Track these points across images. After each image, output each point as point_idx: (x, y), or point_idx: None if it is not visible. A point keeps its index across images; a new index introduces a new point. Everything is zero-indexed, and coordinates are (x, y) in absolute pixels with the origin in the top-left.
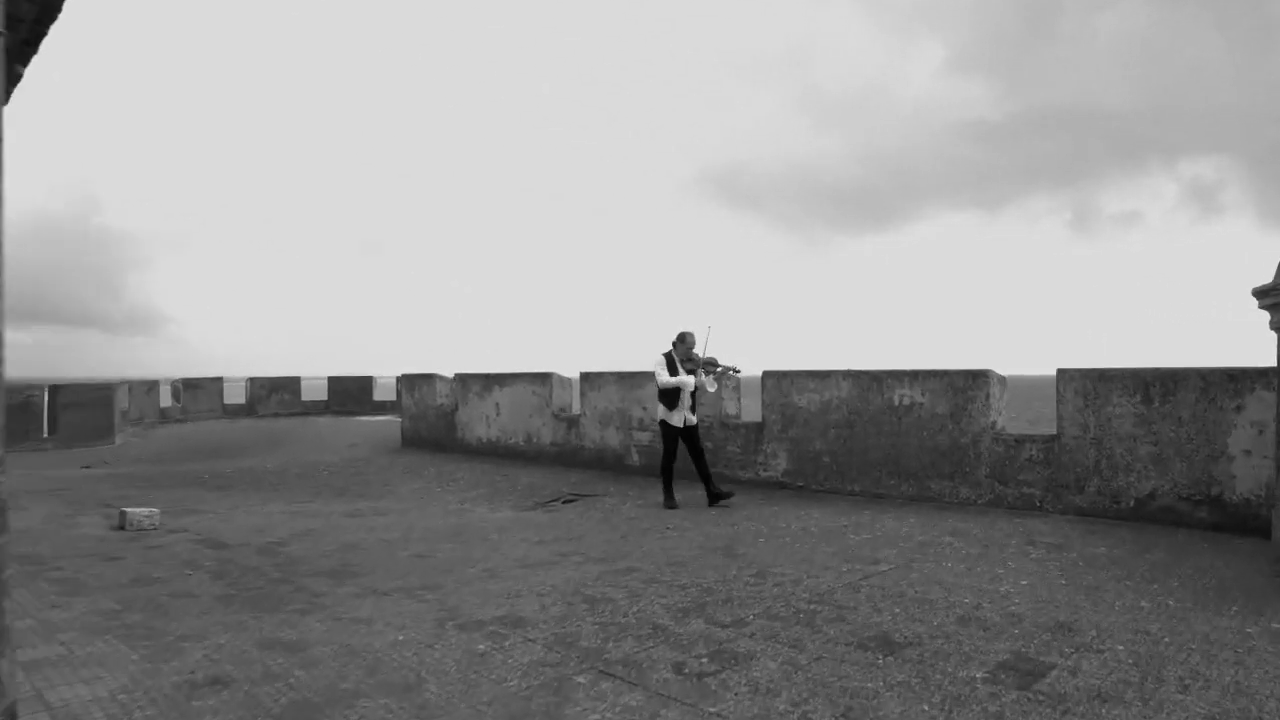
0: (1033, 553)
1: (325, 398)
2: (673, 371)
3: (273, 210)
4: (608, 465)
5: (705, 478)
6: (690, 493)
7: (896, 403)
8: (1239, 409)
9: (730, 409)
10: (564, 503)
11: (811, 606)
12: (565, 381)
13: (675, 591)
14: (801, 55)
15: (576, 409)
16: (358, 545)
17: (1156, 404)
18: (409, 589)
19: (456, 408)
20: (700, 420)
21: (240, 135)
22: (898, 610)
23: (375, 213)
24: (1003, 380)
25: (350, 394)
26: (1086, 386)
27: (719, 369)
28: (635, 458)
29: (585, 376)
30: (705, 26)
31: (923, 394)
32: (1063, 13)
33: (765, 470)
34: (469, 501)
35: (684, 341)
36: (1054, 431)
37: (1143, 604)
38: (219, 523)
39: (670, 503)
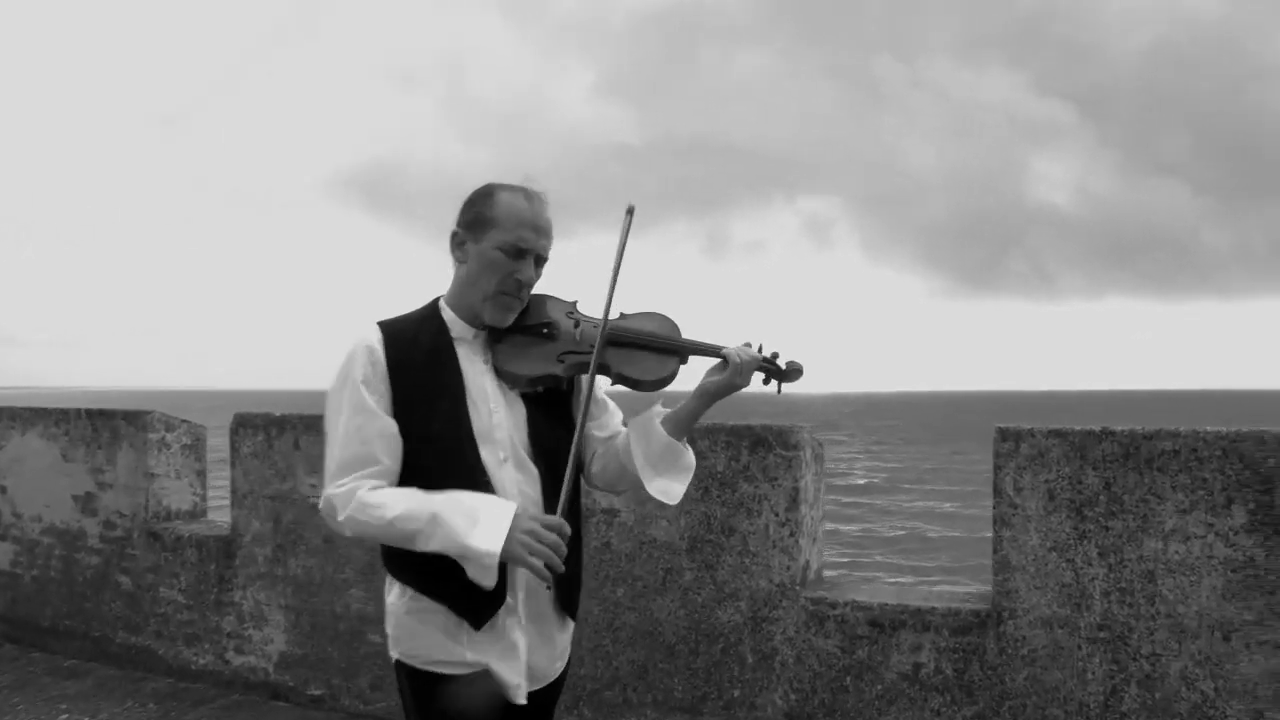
0: None
1: None
2: (407, 425)
3: None
4: None
5: None
6: None
7: None
8: None
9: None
10: None
11: None
12: None
13: None
14: (453, 66)
15: None
16: None
17: None
18: None
19: None
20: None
21: None
22: None
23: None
24: (819, 454)
25: None
26: (1082, 479)
27: (766, 364)
28: None
29: None
30: (356, 28)
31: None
32: (702, 46)
33: (242, 649)
34: None
35: (512, 259)
36: (980, 605)
37: None
38: None
39: None
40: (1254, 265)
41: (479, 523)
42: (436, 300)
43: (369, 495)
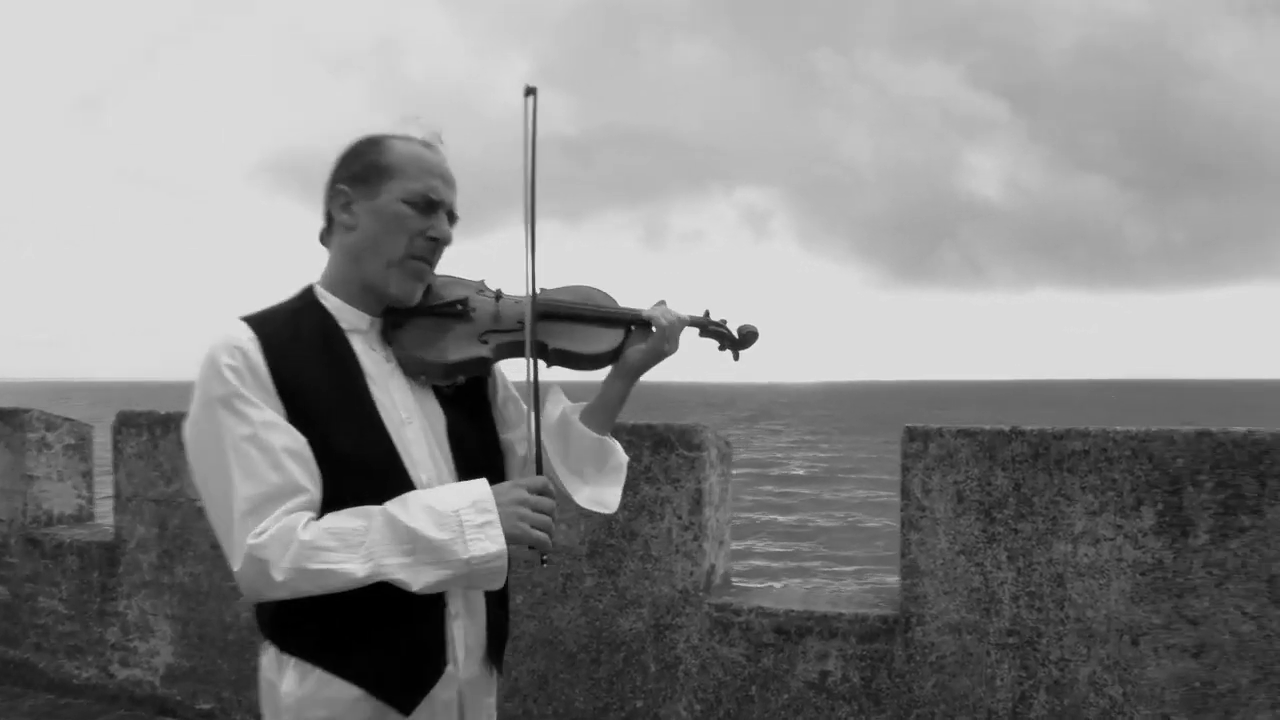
0: None
1: None
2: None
3: None
4: None
5: None
6: None
7: None
8: None
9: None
10: None
11: None
12: None
13: None
14: (387, 51)
15: None
16: None
17: (1202, 532)
18: None
19: None
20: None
21: None
22: None
23: None
24: (725, 454)
25: None
26: (991, 480)
27: (720, 328)
28: None
29: None
30: (289, 12)
31: None
32: (640, 37)
33: (127, 661)
34: None
35: (422, 214)
36: (888, 610)
37: None
38: None
39: None
40: (1175, 259)
41: (464, 523)
42: (310, 287)
43: (313, 535)
